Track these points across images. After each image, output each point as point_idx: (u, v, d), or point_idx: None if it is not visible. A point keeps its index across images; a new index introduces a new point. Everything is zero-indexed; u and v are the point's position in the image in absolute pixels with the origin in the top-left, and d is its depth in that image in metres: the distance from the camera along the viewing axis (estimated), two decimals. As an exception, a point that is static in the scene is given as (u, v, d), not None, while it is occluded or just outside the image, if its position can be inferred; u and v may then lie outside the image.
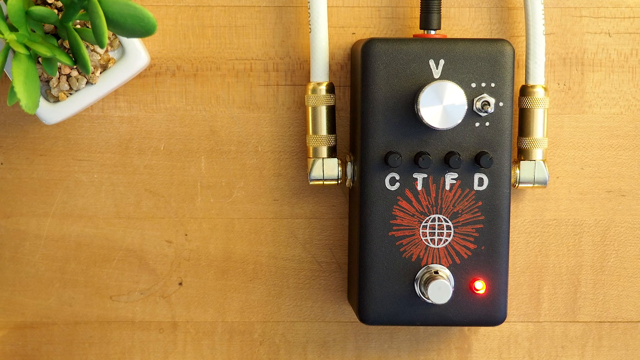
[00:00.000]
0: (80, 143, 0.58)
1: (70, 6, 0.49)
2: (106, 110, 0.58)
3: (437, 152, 0.53)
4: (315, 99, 0.55)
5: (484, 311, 0.54)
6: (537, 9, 0.55)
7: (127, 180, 0.58)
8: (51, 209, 0.58)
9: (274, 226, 0.58)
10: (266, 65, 0.57)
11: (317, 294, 0.59)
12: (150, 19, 0.48)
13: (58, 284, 0.58)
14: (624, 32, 0.57)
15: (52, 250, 0.58)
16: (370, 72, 0.53)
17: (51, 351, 0.59)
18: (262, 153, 0.58)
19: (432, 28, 0.55)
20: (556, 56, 0.57)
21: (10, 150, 0.58)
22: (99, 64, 0.54)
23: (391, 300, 0.54)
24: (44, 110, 0.54)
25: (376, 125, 0.53)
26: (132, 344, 0.59)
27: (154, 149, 0.58)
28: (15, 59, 0.50)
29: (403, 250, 0.54)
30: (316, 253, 0.59)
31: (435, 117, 0.52)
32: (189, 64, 0.57)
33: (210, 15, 0.57)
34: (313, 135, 0.56)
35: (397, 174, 0.53)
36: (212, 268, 0.59)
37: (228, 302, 0.59)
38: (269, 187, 0.58)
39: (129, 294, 0.59)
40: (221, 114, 0.58)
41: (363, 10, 0.57)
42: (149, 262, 0.58)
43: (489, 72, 0.53)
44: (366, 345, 0.59)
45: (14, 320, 0.59)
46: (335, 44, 0.57)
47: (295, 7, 0.57)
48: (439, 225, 0.54)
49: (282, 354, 0.59)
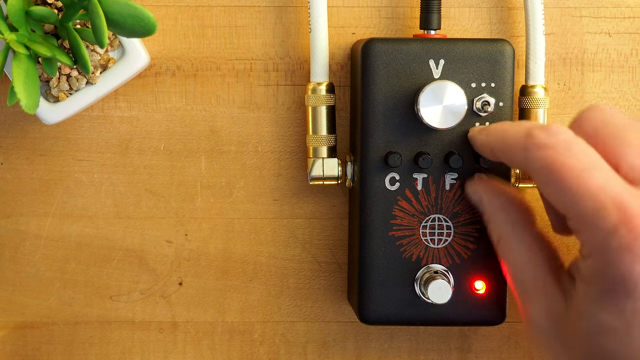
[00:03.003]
0: (80, 143, 0.58)
1: (70, 6, 0.49)
2: (106, 110, 0.58)
3: (437, 152, 0.53)
4: (315, 99, 0.55)
5: (484, 311, 0.54)
6: (537, 9, 0.55)
7: (127, 180, 0.58)
8: (51, 209, 0.58)
9: (274, 226, 0.58)
10: (266, 65, 0.57)
11: (317, 294, 0.59)
12: (150, 19, 0.48)
13: (58, 284, 0.58)
14: (624, 32, 0.57)
15: (52, 250, 0.58)
16: (370, 72, 0.53)
17: (51, 351, 0.59)
18: (262, 153, 0.58)
19: (432, 28, 0.55)
20: (556, 56, 0.57)
21: (10, 150, 0.58)
22: (99, 64, 0.54)
23: (391, 300, 0.54)
24: (44, 110, 0.54)
25: (376, 125, 0.53)
26: (132, 344, 0.59)
27: (154, 149, 0.58)
28: (15, 59, 0.50)
29: (403, 250, 0.54)
30: (316, 253, 0.59)
31: (435, 117, 0.52)
32: (189, 64, 0.57)
33: (210, 15, 0.57)
34: (313, 135, 0.56)
35: (397, 174, 0.53)
36: (212, 268, 0.59)
37: (228, 302, 0.59)
38: (269, 187, 0.58)
39: (129, 294, 0.59)
40: (221, 114, 0.58)
41: (363, 10, 0.57)
42: (149, 262, 0.58)
43: (489, 72, 0.53)
44: (366, 345, 0.59)
45: (14, 320, 0.59)
46: (335, 44, 0.57)
47: (295, 7, 0.57)
48: (439, 225, 0.54)
49: (282, 354, 0.59)
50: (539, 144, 0.46)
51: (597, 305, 0.44)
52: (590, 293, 0.44)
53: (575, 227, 0.45)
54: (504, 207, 0.51)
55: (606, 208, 0.43)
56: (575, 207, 0.44)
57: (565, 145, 0.45)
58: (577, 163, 0.45)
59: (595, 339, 0.44)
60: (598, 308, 0.44)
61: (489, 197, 0.52)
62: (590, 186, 0.44)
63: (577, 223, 0.45)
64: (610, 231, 0.43)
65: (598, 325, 0.44)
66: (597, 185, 0.44)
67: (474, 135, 0.52)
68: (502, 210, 0.51)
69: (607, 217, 0.43)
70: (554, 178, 0.45)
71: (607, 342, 0.44)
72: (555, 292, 0.48)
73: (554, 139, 0.46)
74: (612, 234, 0.43)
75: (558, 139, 0.46)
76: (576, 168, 0.45)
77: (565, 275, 0.48)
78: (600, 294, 0.44)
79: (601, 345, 0.44)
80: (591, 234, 0.44)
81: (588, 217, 0.44)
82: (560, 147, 0.45)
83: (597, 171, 0.44)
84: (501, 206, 0.51)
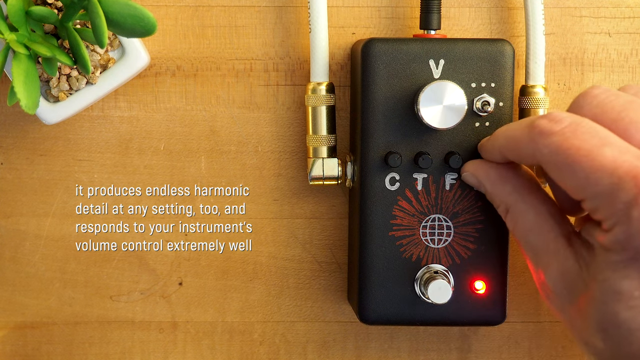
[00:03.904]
0: (80, 143, 0.58)
1: (70, 6, 0.49)
2: (106, 110, 0.58)
3: (437, 152, 0.53)
4: (315, 99, 0.55)
5: (484, 311, 0.54)
6: (537, 9, 0.55)
7: (127, 180, 0.58)
8: (51, 209, 0.58)
9: (274, 226, 0.58)
10: (266, 65, 0.57)
11: (317, 294, 0.59)
12: (150, 19, 0.48)
13: (58, 284, 0.58)
14: (624, 32, 0.57)
15: (52, 250, 0.58)
16: (370, 72, 0.53)
17: (51, 351, 0.59)
18: (262, 153, 0.58)
19: (432, 28, 0.55)
20: (556, 56, 0.57)
21: (10, 150, 0.58)
22: (99, 64, 0.54)
23: (391, 300, 0.54)
24: (44, 110, 0.54)
25: (376, 125, 0.53)
26: (132, 344, 0.59)
27: (154, 149, 0.58)
28: (15, 59, 0.50)
29: (403, 250, 0.54)
30: (316, 253, 0.59)
31: (435, 117, 0.52)
32: (189, 64, 0.57)
33: (210, 15, 0.57)
34: (313, 135, 0.56)
35: (397, 174, 0.53)
36: (212, 268, 0.59)
37: (228, 302, 0.59)
38: (269, 187, 0.58)
39: (129, 294, 0.59)
40: (221, 114, 0.58)
41: (363, 10, 0.57)
42: (149, 262, 0.58)
43: (489, 72, 0.53)
44: (366, 345, 0.59)
45: (14, 320, 0.59)
46: (335, 44, 0.57)
47: (295, 7, 0.57)
48: (439, 225, 0.54)
49: (282, 354, 0.59)
50: (544, 132, 0.46)
51: (618, 273, 0.44)
52: (612, 260, 0.44)
53: (593, 207, 0.45)
54: (503, 178, 0.51)
55: (623, 181, 0.43)
56: (592, 186, 0.44)
57: (570, 129, 0.45)
58: (586, 143, 0.45)
59: (612, 306, 0.44)
60: (620, 276, 0.44)
61: (485, 174, 0.51)
62: (604, 162, 0.44)
63: (595, 202, 0.44)
64: (631, 202, 0.43)
65: (616, 292, 0.44)
66: (610, 160, 0.44)
67: (482, 144, 0.52)
68: (502, 181, 0.51)
69: (626, 189, 0.43)
70: (565, 162, 0.45)
71: (623, 309, 0.44)
72: (568, 255, 0.48)
73: (558, 125, 0.46)
74: (633, 205, 0.43)
75: (562, 123, 0.46)
76: (585, 148, 0.44)
77: (578, 240, 0.48)
78: (622, 262, 0.44)
79: (617, 312, 0.44)
80: (611, 208, 0.44)
81: (606, 194, 0.44)
82: (567, 131, 0.45)
83: (608, 147, 0.44)
84: (500, 177, 0.51)
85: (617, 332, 0.44)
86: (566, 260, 0.47)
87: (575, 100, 0.48)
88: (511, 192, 0.50)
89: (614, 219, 0.44)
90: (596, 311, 0.45)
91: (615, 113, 0.46)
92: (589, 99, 0.47)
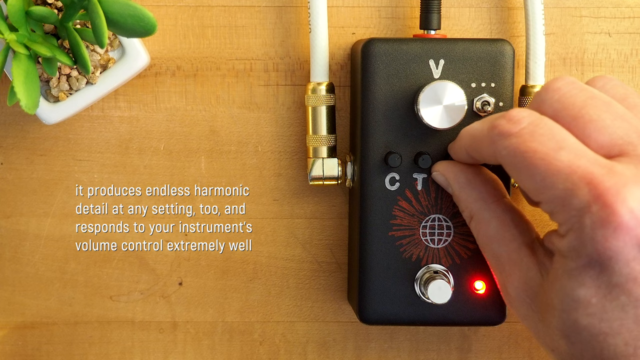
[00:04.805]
0: (80, 143, 0.58)
1: (70, 6, 0.49)
2: (106, 110, 0.58)
3: (437, 152, 0.53)
4: (315, 99, 0.55)
5: (484, 311, 0.54)
6: (537, 9, 0.55)
7: (127, 180, 0.58)
8: (51, 209, 0.58)
9: (274, 226, 0.58)
10: (266, 65, 0.57)
11: (317, 294, 0.59)
12: (150, 19, 0.48)
13: (58, 284, 0.58)
14: (624, 32, 0.57)
15: (52, 250, 0.58)
16: (370, 72, 0.53)
17: (51, 351, 0.59)
18: (262, 153, 0.58)
19: (432, 28, 0.55)
20: (556, 56, 0.57)
21: (10, 150, 0.58)
22: (99, 64, 0.54)
23: (391, 300, 0.54)
24: (44, 110, 0.54)
25: (376, 125, 0.53)
26: (132, 344, 0.59)
27: (154, 149, 0.58)
28: (15, 59, 0.50)
29: (403, 250, 0.54)
30: (316, 253, 0.59)
31: (435, 117, 0.52)
32: (189, 64, 0.57)
33: (210, 15, 0.57)
34: (313, 135, 0.56)
35: (397, 174, 0.53)
36: (212, 268, 0.59)
37: (228, 302, 0.59)
38: (269, 187, 0.58)
39: (129, 294, 0.59)
40: (221, 114, 0.58)
41: (363, 10, 0.57)
42: (149, 262, 0.58)
43: (489, 72, 0.53)
44: (366, 345, 0.59)
45: (14, 320, 0.59)
46: (335, 44, 0.57)
47: (295, 7, 0.57)
48: (439, 225, 0.54)
49: (282, 354, 0.59)
50: (502, 133, 0.46)
51: (574, 280, 0.44)
52: (568, 268, 0.44)
53: (549, 210, 0.45)
54: (470, 183, 0.51)
55: (577, 187, 0.43)
56: (547, 190, 0.44)
57: (528, 130, 0.45)
58: (542, 146, 0.44)
59: (571, 314, 0.44)
60: (575, 283, 0.44)
61: (455, 176, 0.51)
62: (559, 167, 0.44)
63: (550, 206, 0.44)
64: (584, 209, 0.43)
65: (574, 300, 0.44)
66: (565, 164, 0.43)
67: (450, 145, 0.52)
68: (469, 187, 0.51)
69: (579, 195, 0.43)
70: (522, 165, 0.45)
71: (582, 316, 0.44)
72: (530, 266, 0.48)
73: (516, 126, 0.45)
74: (586, 212, 0.43)
75: (521, 124, 0.45)
76: (542, 151, 0.44)
77: (540, 248, 0.48)
78: (577, 269, 0.44)
79: (576, 320, 0.44)
80: (565, 213, 0.43)
81: (560, 198, 0.43)
82: (524, 132, 0.45)
83: (564, 150, 0.44)
84: (468, 182, 0.51)
85: (580, 338, 0.44)
86: (529, 271, 0.48)
87: (537, 94, 0.47)
88: (476, 199, 0.50)
89: (568, 224, 0.44)
90: (557, 319, 0.45)
91: (576, 110, 0.46)
92: (551, 93, 0.47)
